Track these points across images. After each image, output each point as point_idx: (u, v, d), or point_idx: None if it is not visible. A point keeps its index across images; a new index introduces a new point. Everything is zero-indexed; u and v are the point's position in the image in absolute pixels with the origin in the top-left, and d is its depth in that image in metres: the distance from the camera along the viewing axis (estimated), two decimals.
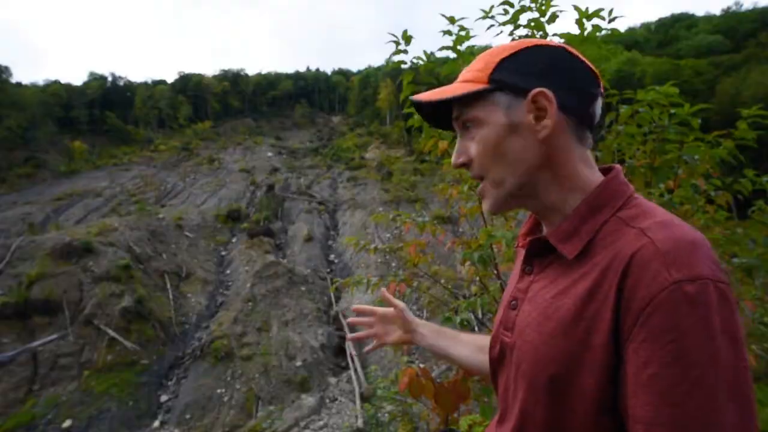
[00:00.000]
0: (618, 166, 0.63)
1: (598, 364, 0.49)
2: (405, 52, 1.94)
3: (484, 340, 0.93)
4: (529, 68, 0.59)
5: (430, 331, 0.98)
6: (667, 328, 0.43)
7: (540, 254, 0.63)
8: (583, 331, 0.51)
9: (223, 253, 22.03)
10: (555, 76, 0.59)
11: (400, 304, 1.01)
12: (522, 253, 0.71)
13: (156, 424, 11.12)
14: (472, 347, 0.93)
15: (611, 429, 0.50)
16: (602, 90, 0.61)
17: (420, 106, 0.69)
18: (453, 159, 0.65)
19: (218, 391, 11.93)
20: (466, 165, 0.64)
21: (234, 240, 23.67)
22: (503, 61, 0.60)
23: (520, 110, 0.58)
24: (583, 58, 0.61)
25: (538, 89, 0.57)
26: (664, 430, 0.42)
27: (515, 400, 0.62)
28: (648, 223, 0.51)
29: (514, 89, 0.59)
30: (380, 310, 1.05)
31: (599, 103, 0.61)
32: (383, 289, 1.10)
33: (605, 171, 0.63)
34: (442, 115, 0.68)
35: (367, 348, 1.05)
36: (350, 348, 14.04)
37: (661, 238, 0.48)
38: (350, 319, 1.08)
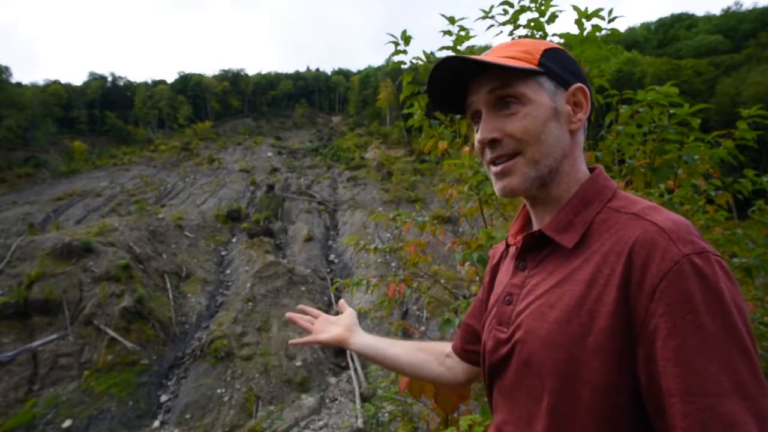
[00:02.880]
0: (600, 165, 0.68)
1: (602, 348, 0.51)
2: (404, 52, 1.94)
3: (423, 343, 0.97)
4: (566, 65, 0.64)
5: (368, 337, 0.97)
6: (684, 299, 0.46)
7: (533, 249, 0.65)
8: (587, 315, 0.52)
9: (223, 253, 22.03)
10: (583, 79, 0.65)
11: (350, 309, 1.03)
12: (497, 253, 0.82)
13: (156, 424, 11.12)
14: (409, 347, 0.94)
15: (615, 415, 0.51)
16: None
17: (434, 78, 0.66)
18: (483, 134, 0.63)
19: (218, 391, 11.92)
20: (496, 141, 0.62)
21: (234, 240, 23.67)
22: (546, 51, 0.63)
23: (561, 99, 0.63)
24: None
25: (579, 84, 0.63)
26: (695, 398, 0.44)
27: (516, 392, 0.62)
28: (639, 208, 0.55)
29: (558, 79, 0.63)
30: (322, 315, 1.03)
31: None
32: (341, 301, 1.08)
33: (590, 170, 0.68)
34: (454, 90, 0.67)
35: (291, 341, 0.99)
36: None
37: (661, 219, 0.51)
38: (288, 314, 1.03)
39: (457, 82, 0.66)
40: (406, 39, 1.90)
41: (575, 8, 1.61)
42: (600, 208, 0.59)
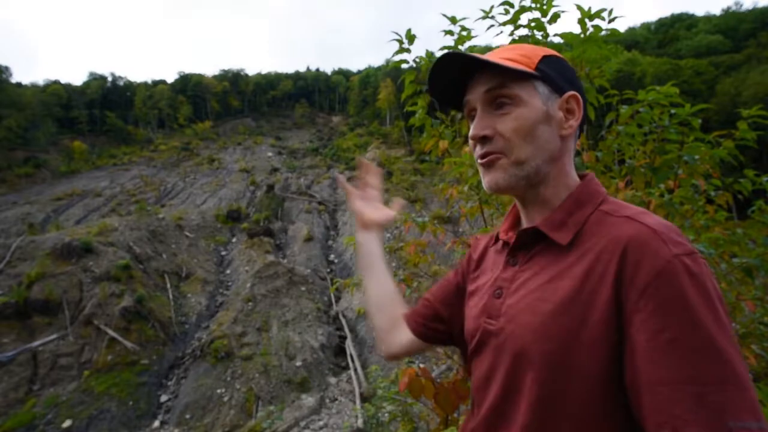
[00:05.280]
0: (591, 172, 0.71)
1: (596, 340, 0.53)
2: (408, 51, 1.94)
3: (390, 303, 0.94)
4: (562, 72, 0.67)
5: (375, 246, 1.01)
6: (676, 296, 0.48)
7: (525, 246, 0.68)
8: (581, 308, 0.55)
9: (223, 253, 22.03)
10: (578, 87, 0.67)
11: (391, 213, 1.06)
12: (480, 245, 0.83)
13: (156, 424, 11.12)
14: (390, 285, 0.96)
15: (604, 405, 0.53)
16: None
17: (435, 72, 0.68)
18: (476, 131, 0.66)
19: (218, 391, 11.93)
20: (487, 138, 0.65)
21: (234, 240, 23.67)
22: (545, 57, 0.66)
23: (554, 105, 0.65)
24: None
25: (573, 92, 0.66)
26: (688, 386, 0.46)
27: (496, 383, 0.64)
28: (631, 212, 0.58)
29: (553, 85, 0.65)
30: (375, 192, 1.11)
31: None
32: (398, 200, 1.13)
33: (580, 176, 0.71)
34: (453, 87, 0.71)
35: (341, 181, 1.10)
36: (350, 348, 14.04)
37: (652, 222, 0.54)
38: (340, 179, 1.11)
39: (457, 80, 0.69)
40: (411, 38, 1.90)
41: (579, 8, 1.61)
42: (592, 210, 0.62)
